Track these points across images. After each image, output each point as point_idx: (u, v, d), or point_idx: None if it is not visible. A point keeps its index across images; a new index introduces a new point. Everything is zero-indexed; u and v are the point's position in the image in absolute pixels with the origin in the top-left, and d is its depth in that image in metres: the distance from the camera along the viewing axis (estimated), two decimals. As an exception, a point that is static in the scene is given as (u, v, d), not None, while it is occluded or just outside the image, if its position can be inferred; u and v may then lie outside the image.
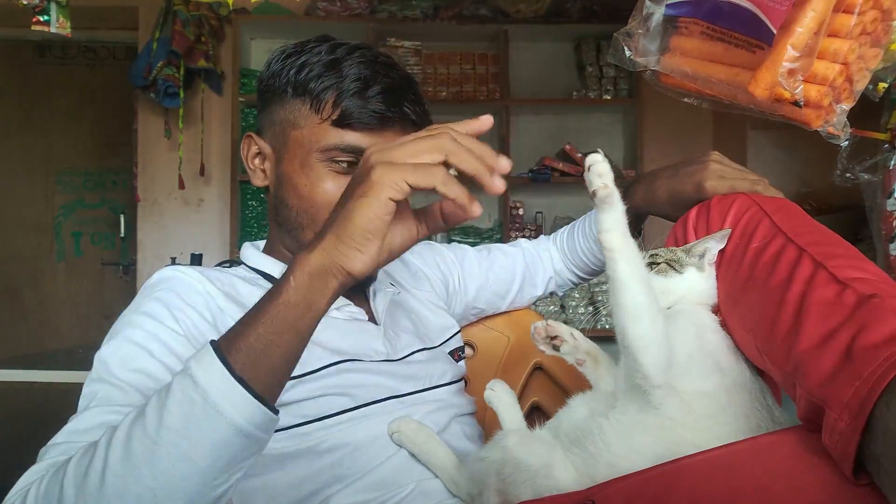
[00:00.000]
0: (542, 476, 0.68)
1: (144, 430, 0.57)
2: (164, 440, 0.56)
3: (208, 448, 0.56)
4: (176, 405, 0.57)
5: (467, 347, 1.16)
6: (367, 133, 0.86)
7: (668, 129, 3.36)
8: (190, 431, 0.56)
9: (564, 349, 0.80)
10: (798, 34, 0.71)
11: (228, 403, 0.56)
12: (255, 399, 0.57)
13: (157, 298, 0.81)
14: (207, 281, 0.85)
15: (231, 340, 0.59)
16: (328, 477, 0.80)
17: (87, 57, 3.93)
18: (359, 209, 0.58)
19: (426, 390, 0.93)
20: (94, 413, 0.69)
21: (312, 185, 0.87)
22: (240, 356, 0.58)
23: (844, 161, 1.66)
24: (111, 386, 0.72)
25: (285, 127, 0.89)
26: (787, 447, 0.56)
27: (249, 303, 0.86)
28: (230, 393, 0.56)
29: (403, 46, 3.24)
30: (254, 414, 0.57)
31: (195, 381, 0.57)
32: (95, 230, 3.94)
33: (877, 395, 0.48)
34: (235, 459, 0.58)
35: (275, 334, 0.59)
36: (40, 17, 1.84)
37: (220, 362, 0.57)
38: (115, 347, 0.76)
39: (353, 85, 0.85)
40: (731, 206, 0.78)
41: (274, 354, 0.59)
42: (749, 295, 0.69)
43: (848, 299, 0.57)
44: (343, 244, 0.59)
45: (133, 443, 0.57)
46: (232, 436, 0.57)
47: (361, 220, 0.58)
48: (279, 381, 0.61)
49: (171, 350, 0.76)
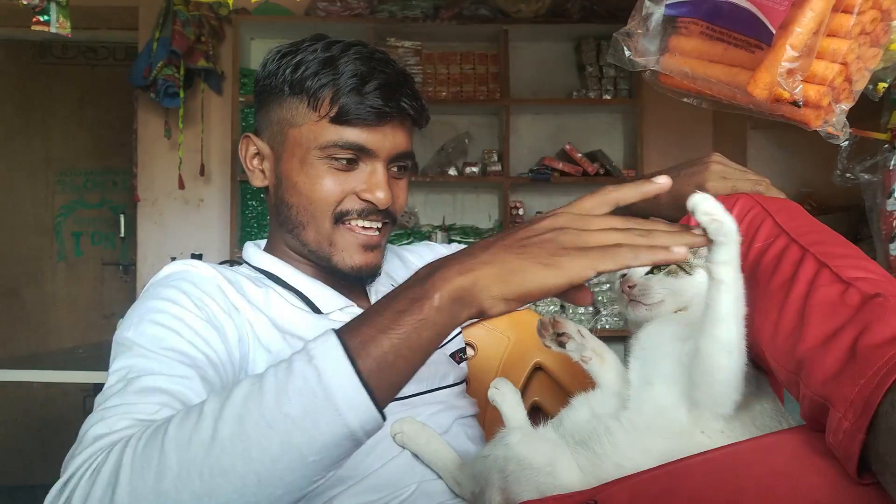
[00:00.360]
0: (545, 474, 0.68)
1: (261, 410, 0.55)
2: (280, 426, 0.54)
3: (320, 444, 0.55)
4: (297, 394, 0.55)
5: (468, 348, 1.16)
6: (364, 129, 0.86)
7: (668, 129, 3.36)
8: (307, 424, 0.54)
9: (570, 346, 0.80)
10: (797, 34, 0.71)
11: (350, 407, 0.54)
12: (375, 408, 0.55)
13: (175, 286, 0.81)
14: (220, 276, 0.85)
15: (361, 342, 0.56)
16: (330, 478, 0.80)
17: (87, 57, 3.92)
18: (538, 276, 0.56)
19: (428, 392, 0.93)
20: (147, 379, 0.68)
21: (312, 182, 0.87)
22: (369, 361, 0.55)
23: (844, 161, 1.66)
24: (150, 360, 0.71)
25: (283, 126, 0.89)
26: (790, 447, 0.56)
27: (256, 301, 0.87)
28: (355, 397, 0.55)
29: (403, 46, 3.24)
30: (369, 421, 0.56)
31: (320, 373, 0.55)
32: (95, 230, 3.93)
33: (881, 393, 0.48)
34: (338, 459, 0.57)
35: (408, 349, 0.56)
36: (40, 17, 1.84)
37: (349, 362, 0.55)
38: (140, 330, 0.75)
39: (350, 81, 0.85)
40: (734, 206, 0.78)
41: (400, 368, 0.57)
42: (752, 295, 0.69)
43: (852, 299, 0.57)
44: (498, 289, 0.56)
45: (247, 422, 0.55)
46: (345, 438, 0.55)
47: (533, 285, 0.56)
48: (395, 392, 0.59)
49: (197, 332, 0.75)
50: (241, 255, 1.00)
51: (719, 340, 0.62)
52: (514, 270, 0.57)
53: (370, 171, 0.88)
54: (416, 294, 0.57)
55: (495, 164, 3.24)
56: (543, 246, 0.58)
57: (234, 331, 0.81)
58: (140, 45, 3.13)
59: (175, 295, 0.79)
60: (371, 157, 0.88)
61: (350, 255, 0.90)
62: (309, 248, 0.91)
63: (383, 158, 0.88)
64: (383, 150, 0.88)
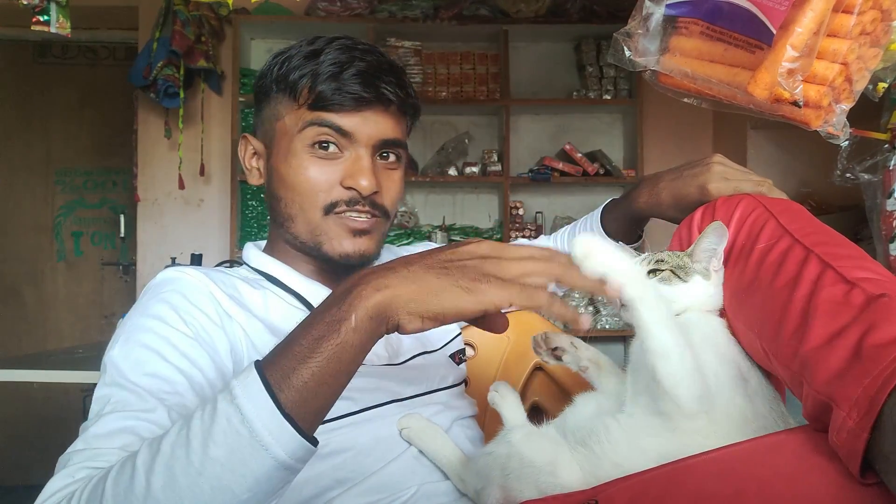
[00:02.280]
0: (546, 473, 0.68)
1: (188, 457, 0.56)
2: (208, 471, 0.55)
3: (251, 481, 0.55)
4: (221, 435, 0.55)
5: (468, 348, 1.16)
6: (343, 114, 0.86)
7: (668, 129, 3.36)
8: (234, 465, 0.55)
9: (566, 359, 0.81)
10: (797, 34, 0.71)
11: (275, 441, 0.55)
12: (302, 436, 0.56)
13: (164, 300, 0.81)
14: (212, 283, 0.85)
15: (281, 375, 0.57)
16: (330, 480, 0.80)
17: (87, 57, 3.92)
18: (454, 299, 0.57)
19: (427, 394, 0.93)
20: (113, 418, 0.69)
21: (297, 173, 0.87)
22: (291, 393, 0.56)
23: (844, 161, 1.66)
24: (125, 390, 0.71)
25: (272, 121, 0.91)
26: (792, 447, 0.56)
27: (252, 306, 0.87)
28: (278, 431, 0.55)
29: (403, 46, 3.24)
30: (298, 450, 0.57)
31: (242, 413, 0.55)
32: (95, 230, 3.93)
33: (887, 392, 0.48)
34: (273, 489, 0.58)
35: (329, 375, 0.57)
36: (40, 17, 1.84)
37: (269, 397, 0.55)
38: (126, 351, 0.75)
39: (329, 69, 0.85)
40: (737, 206, 0.78)
41: (325, 393, 0.58)
42: (755, 296, 0.69)
43: (856, 298, 0.57)
44: (415, 306, 0.58)
45: (176, 470, 0.56)
46: (274, 470, 0.56)
47: (449, 306, 0.57)
48: (323, 415, 0.60)
49: (182, 353, 0.76)
50: (241, 256, 1.00)
51: (652, 351, 0.63)
52: (432, 290, 0.58)
53: (354, 158, 0.88)
54: (333, 316, 0.58)
55: (495, 164, 3.24)
56: (465, 271, 0.59)
57: (225, 341, 0.81)
58: (140, 45, 3.13)
59: (163, 311, 0.79)
60: (352, 142, 0.87)
61: (339, 241, 0.89)
62: (300, 239, 0.91)
63: (366, 144, 0.88)
64: (363, 135, 0.87)
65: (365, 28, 3.15)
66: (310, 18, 3.19)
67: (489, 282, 0.58)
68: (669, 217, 0.96)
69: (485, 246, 0.61)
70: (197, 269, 0.87)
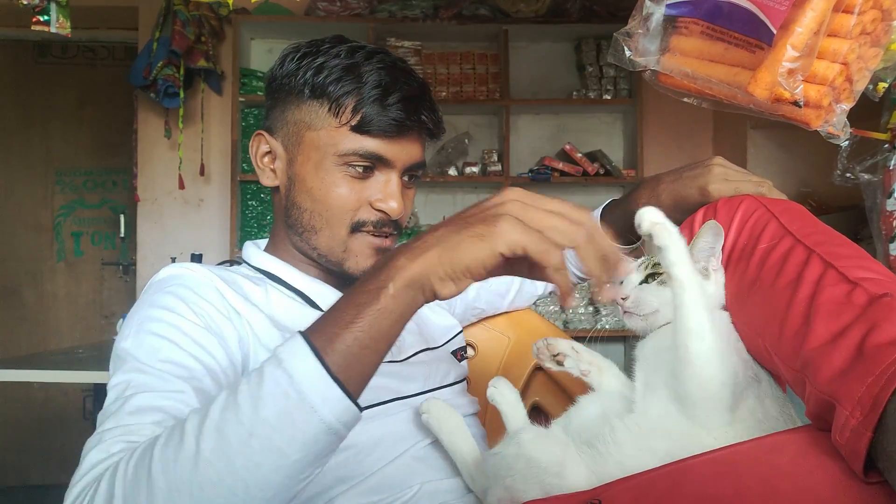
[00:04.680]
0: (552, 474, 0.67)
1: (238, 419, 0.57)
2: (259, 432, 0.56)
3: (300, 443, 0.57)
4: (270, 398, 0.57)
5: (468, 348, 1.16)
6: (384, 140, 0.86)
7: (668, 129, 3.36)
8: (284, 426, 0.56)
9: (568, 364, 0.82)
10: (798, 34, 0.71)
11: (324, 403, 0.57)
12: (349, 399, 0.58)
13: (171, 293, 0.81)
14: (218, 278, 0.85)
15: (326, 339, 0.59)
16: (332, 478, 0.80)
17: (87, 57, 3.93)
18: (472, 249, 0.57)
19: (429, 391, 0.93)
20: (142, 398, 0.69)
21: (328, 188, 0.87)
22: (336, 357, 0.58)
23: (844, 161, 1.66)
24: (146, 374, 0.71)
25: (300, 128, 0.89)
26: (794, 446, 0.56)
27: (255, 300, 0.87)
28: (327, 393, 0.57)
29: (403, 46, 3.24)
30: (345, 413, 0.58)
31: (290, 375, 0.57)
32: (95, 230, 3.93)
33: (890, 391, 0.48)
34: (322, 454, 0.59)
35: (371, 339, 0.59)
36: (40, 17, 1.84)
37: (317, 360, 0.57)
38: (138, 341, 0.75)
39: (374, 92, 0.85)
40: (738, 207, 0.78)
41: (367, 358, 0.60)
42: (757, 296, 0.69)
43: (858, 298, 0.57)
44: (443, 269, 0.58)
45: (227, 432, 0.56)
46: (323, 433, 0.57)
47: (469, 259, 0.57)
48: (366, 381, 0.61)
49: (194, 340, 0.76)
50: (240, 255, 1.00)
51: (688, 329, 0.63)
52: (452, 247, 0.58)
53: (385, 181, 0.88)
54: (372, 286, 0.60)
55: (495, 164, 3.24)
56: (484, 219, 0.59)
57: (234, 332, 0.81)
58: (140, 45, 3.13)
59: (172, 302, 0.79)
60: (387, 167, 0.88)
61: (364, 259, 0.90)
62: (319, 251, 0.91)
63: (398, 169, 0.89)
64: (399, 161, 0.88)
65: (365, 28, 3.15)
66: (310, 18, 3.19)
67: (507, 222, 0.57)
68: (669, 218, 0.96)
69: (516, 192, 0.60)
70: (201, 265, 0.87)
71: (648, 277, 0.76)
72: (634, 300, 0.76)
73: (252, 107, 3.16)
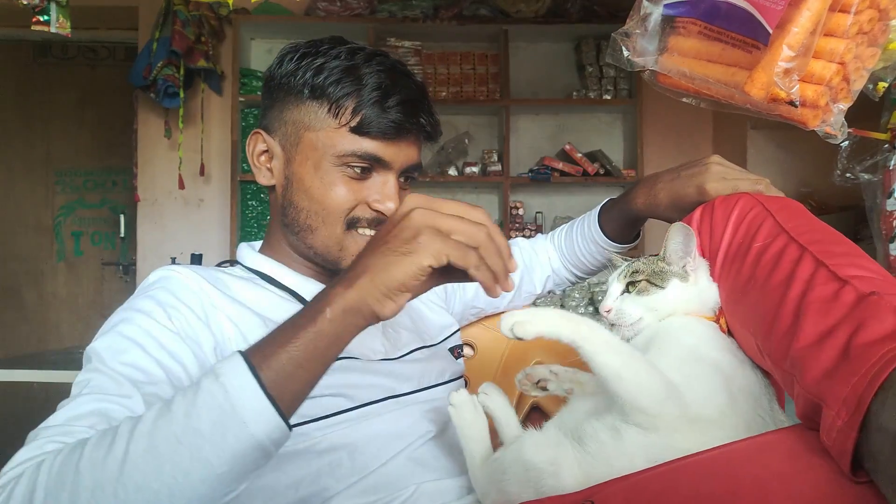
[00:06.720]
0: (548, 475, 0.68)
1: (170, 427, 0.58)
2: (190, 441, 0.57)
3: (229, 455, 0.58)
4: (205, 409, 0.58)
5: (467, 347, 1.16)
6: (383, 142, 0.86)
7: (668, 129, 3.36)
8: (214, 437, 0.57)
9: (551, 387, 0.83)
10: (794, 34, 0.71)
11: (255, 418, 0.58)
12: (280, 417, 0.59)
13: (151, 297, 0.82)
14: (202, 279, 0.85)
15: (262, 356, 0.60)
16: (327, 478, 0.80)
17: (87, 57, 3.93)
18: (401, 266, 0.60)
19: (425, 389, 0.93)
20: (88, 400, 0.70)
21: (325, 188, 0.87)
22: (270, 374, 0.59)
23: (844, 161, 1.66)
24: (104, 375, 0.73)
25: (299, 128, 0.89)
26: (785, 446, 0.56)
27: (245, 300, 0.87)
28: (259, 408, 0.58)
29: (403, 46, 3.25)
30: (275, 431, 0.59)
31: (226, 389, 0.58)
32: (95, 230, 3.94)
33: (873, 391, 0.48)
34: (247, 470, 0.60)
35: (305, 360, 0.61)
36: (40, 17, 1.84)
37: (252, 376, 0.59)
38: (108, 341, 0.77)
39: (374, 94, 0.85)
40: (735, 205, 0.78)
41: (301, 378, 0.61)
42: (751, 294, 0.69)
43: (846, 297, 0.57)
44: (378, 290, 0.61)
45: (158, 438, 0.58)
46: (251, 448, 0.58)
47: (401, 275, 0.60)
48: (300, 401, 0.63)
49: (162, 346, 0.77)
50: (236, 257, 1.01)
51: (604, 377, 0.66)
52: (382, 269, 0.61)
53: (382, 182, 0.89)
54: (312, 310, 0.62)
55: (495, 164, 3.24)
56: (400, 235, 0.62)
57: (210, 339, 0.81)
58: (140, 45, 3.13)
59: (150, 306, 0.80)
60: (385, 168, 0.88)
61: None
62: (315, 251, 0.91)
63: (396, 170, 0.89)
64: (397, 163, 0.88)
65: (365, 28, 3.15)
66: (310, 18, 3.19)
67: (426, 235, 0.61)
68: (667, 217, 0.96)
69: (417, 198, 0.64)
70: (188, 268, 0.87)
71: (629, 286, 0.77)
72: (617, 312, 0.77)
73: (252, 107, 3.16)
